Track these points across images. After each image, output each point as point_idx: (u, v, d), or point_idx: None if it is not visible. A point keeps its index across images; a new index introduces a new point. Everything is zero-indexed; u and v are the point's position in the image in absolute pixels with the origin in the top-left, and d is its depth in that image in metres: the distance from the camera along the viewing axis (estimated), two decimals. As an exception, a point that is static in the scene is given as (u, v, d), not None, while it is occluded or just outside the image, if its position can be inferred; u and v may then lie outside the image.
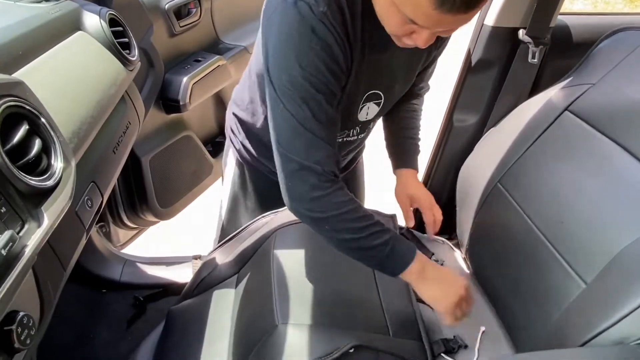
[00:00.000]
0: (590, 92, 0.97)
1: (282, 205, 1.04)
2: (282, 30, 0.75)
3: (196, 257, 1.47)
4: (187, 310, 1.07)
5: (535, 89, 1.24)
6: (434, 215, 1.11)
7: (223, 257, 1.11)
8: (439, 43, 0.97)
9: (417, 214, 1.14)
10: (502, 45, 1.19)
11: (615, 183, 0.83)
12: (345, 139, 1.04)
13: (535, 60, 1.16)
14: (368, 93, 0.94)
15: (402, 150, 1.14)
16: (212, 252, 1.17)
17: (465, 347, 0.91)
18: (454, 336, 0.92)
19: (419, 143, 1.15)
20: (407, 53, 0.91)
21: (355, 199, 0.83)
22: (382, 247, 0.82)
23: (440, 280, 0.87)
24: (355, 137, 1.05)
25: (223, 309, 1.00)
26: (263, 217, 1.13)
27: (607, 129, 0.89)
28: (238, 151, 1.16)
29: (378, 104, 0.98)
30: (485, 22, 1.18)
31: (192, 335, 0.98)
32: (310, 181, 0.80)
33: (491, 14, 1.16)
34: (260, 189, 1.19)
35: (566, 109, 0.99)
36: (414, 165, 1.14)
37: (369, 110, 0.98)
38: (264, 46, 0.80)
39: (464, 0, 0.62)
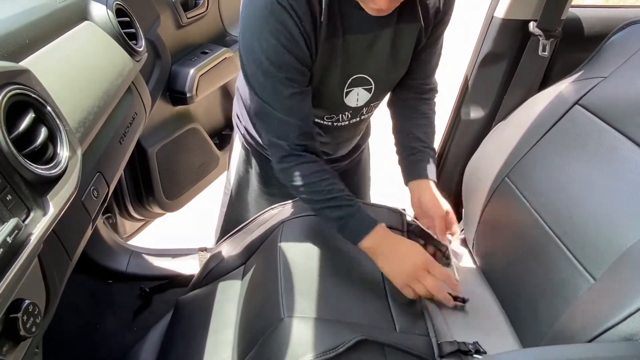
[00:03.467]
0: (601, 85, 0.96)
1: (284, 190, 1.04)
2: (246, 14, 0.81)
3: (202, 249, 1.48)
4: (194, 300, 1.08)
5: (545, 83, 1.22)
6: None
7: (231, 249, 1.12)
8: (430, 28, 0.94)
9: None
10: (512, 37, 1.18)
11: (625, 178, 0.81)
12: (335, 124, 1.03)
13: (546, 53, 1.15)
14: (354, 77, 0.93)
15: (419, 158, 1.03)
16: (220, 243, 1.17)
17: (484, 352, 0.85)
18: (473, 342, 0.86)
19: (434, 151, 1.06)
20: (393, 36, 0.90)
21: (324, 173, 0.91)
22: (337, 220, 0.91)
23: (394, 254, 0.91)
24: (347, 122, 1.04)
25: (229, 300, 1.00)
26: (271, 209, 1.13)
27: (617, 123, 0.87)
28: (243, 136, 1.16)
29: (369, 90, 0.97)
30: (495, 14, 1.17)
31: (198, 325, 0.98)
32: (277, 154, 0.91)
33: (501, 6, 1.15)
34: (263, 173, 1.19)
35: (576, 102, 0.97)
36: (433, 175, 1.03)
37: (358, 96, 0.97)
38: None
39: None
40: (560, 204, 0.90)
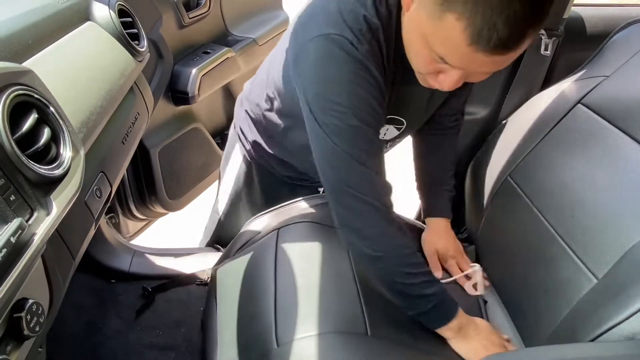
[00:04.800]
0: (603, 84, 0.96)
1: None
2: (324, 66, 0.73)
3: (217, 248, 1.48)
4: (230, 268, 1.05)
5: (547, 82, 1.22)
6: (459, 265, 1.04)
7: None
8: None
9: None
10: (514, 36, 1.18)
11: (628, 177, 0.81)
12: None
13: (548, 52, 1.14)
14: (389, 117, 0.92)
15: (435, 197, 1.09)
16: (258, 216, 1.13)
17: None
18: None
19: (452, 186, 1.10)
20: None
21: (412, 242, 0.81)
22: (430, 298, 0.80)
23: (478, 333, 0.86)
24: None
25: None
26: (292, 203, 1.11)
27: (620, 122, 0.87)
28: (248, 152, 1.15)
29: (399, 129, 0.97)
30: (497, 14, 1.16)
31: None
32: (369, 217, 0.77)
33: (503, 5, 1.15)
34: (267, 186, 1.18)
35: (579, 101, 0.97)
36: (446, 213, 1.08)
37: (387, 131, 0.97)
38: (297, 76, 0.77)
39: (502, 36, 0.57)
40: (562, 203, 0.90)
